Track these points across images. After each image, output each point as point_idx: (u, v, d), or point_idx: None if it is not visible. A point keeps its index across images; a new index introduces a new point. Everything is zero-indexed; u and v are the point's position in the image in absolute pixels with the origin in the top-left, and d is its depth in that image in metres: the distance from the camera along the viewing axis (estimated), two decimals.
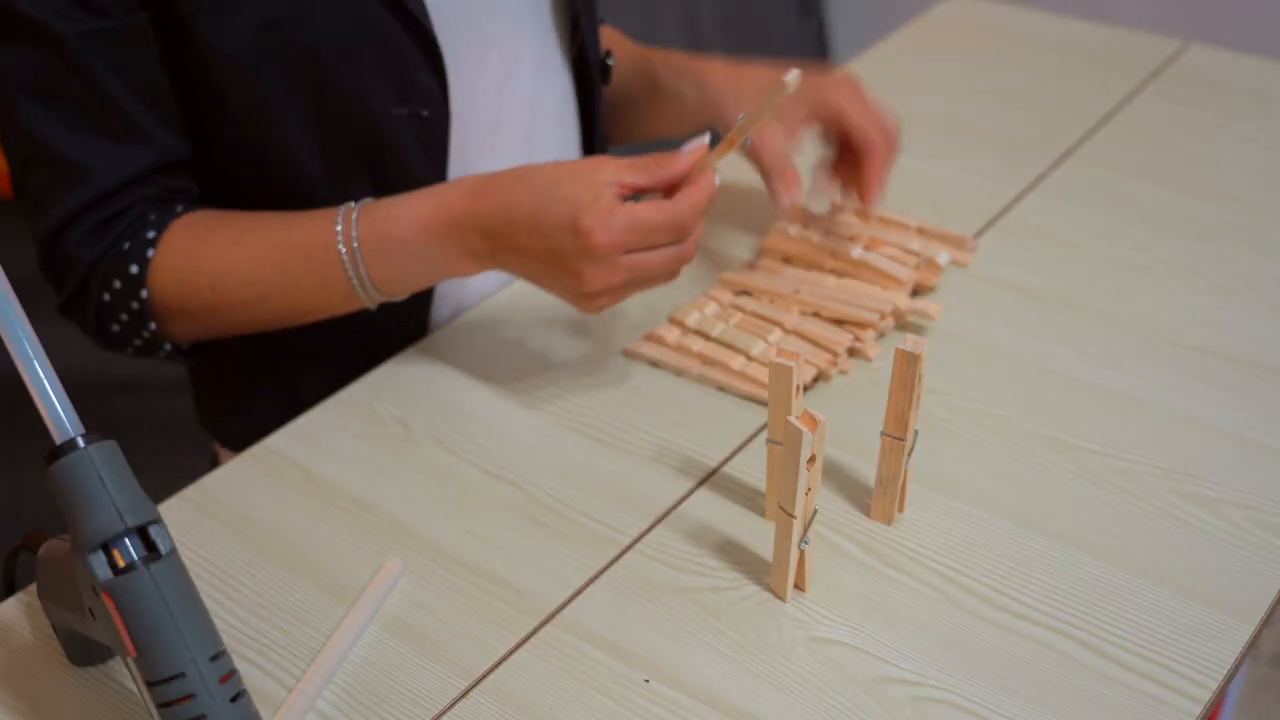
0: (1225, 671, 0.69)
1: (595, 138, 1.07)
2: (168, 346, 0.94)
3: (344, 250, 0.86)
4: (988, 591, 0.75)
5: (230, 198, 0.94)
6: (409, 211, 0.85)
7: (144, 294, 0.89)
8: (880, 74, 1.33)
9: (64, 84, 0.85)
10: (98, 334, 0.94)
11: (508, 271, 0.86)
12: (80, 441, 0.60)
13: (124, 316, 0.91)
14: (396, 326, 0.98)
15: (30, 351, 0.61)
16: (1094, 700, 0.68)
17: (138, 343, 0.93)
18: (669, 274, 0.83)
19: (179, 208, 0.91)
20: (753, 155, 0.96)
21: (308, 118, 0.90)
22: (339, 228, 0.86)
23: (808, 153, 1.05)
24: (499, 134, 0.99)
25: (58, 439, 0.61)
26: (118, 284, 0.90)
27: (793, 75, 0.77)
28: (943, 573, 0.76)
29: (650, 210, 0.79)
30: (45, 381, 0.61)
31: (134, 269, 0.89)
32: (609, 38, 1.14)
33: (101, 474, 0.60)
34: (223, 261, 0.89)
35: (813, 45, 2.63)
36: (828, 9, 2.67)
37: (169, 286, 0.89)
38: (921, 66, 1.34)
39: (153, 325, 0.91)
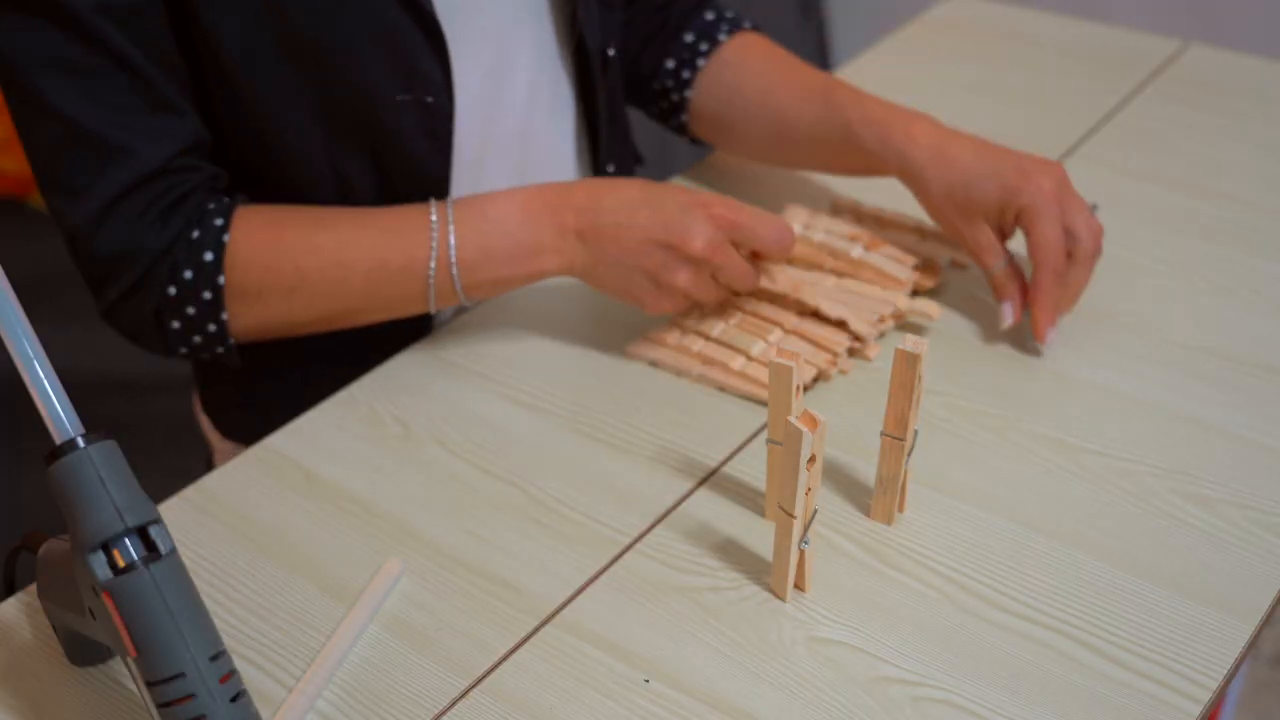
0: (1225, 671, 0.69)
1: (599, 130, 1.07)
2: (230, 342, 0.91)
3: (436, 227, 0.88)
4: (988, 591, 0.75)
5: (235, 183, 0.94)
6: (505, 197, 0.89)
7: (220, 281, 0.88)
8: (880, 74, 1.33)
9: (92, 60, 0.83)
10: (154, 332, 0.90)
11: (588, 258, 0.89)
12: (80, 441, 0.60)
13: (190, 310, 0.89)
14: (397, 326, 0.98)
15: (30, 351, 0.61)
16: (1094, 700, 0.68)
17: (196, 339, 0.90)
18: (735, 286, 0.91)
19: (225, 198, 0.90)
20: (971, 253, 0.94)
21: (310, 104, 0.90)
22: (433, 209, 0.89)
23: None
24: (498, 121, 0.99)
25: (58, 439, 0.61)
26: (189, 274, 0.87)
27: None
28: (943, 573, 0.76)
29: (756, 210, 0.88)
30: (45, 381, 0.61)
31: (208, 256, 0.87)
32: (758, 49, 1.08)
33: (101, 474, 0.60)
34: (308, 243, 0.89)
35: (813, 45, 2.63)
36: (828, 9, 2.67)
37: (251, 269, 0.88)
38: (921, 66, 1.34)
39: (224, 316, 0.89)
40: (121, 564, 0.60)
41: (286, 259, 0.88)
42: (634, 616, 0.75)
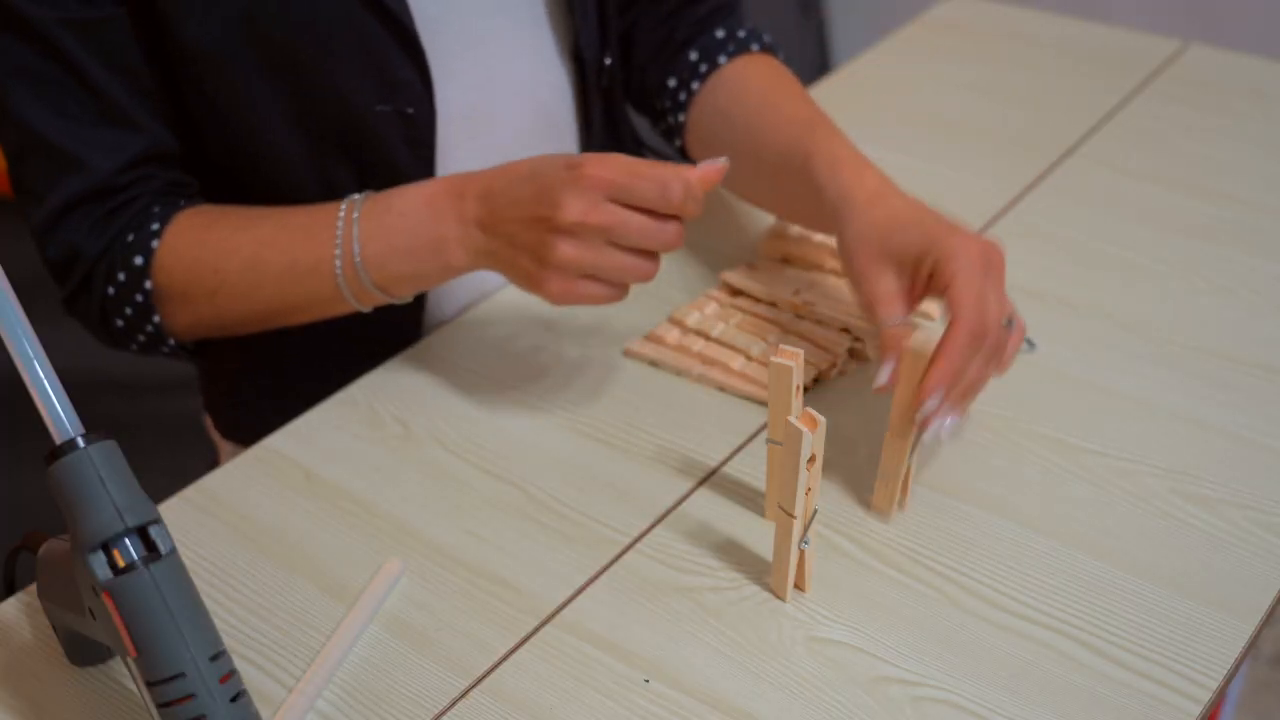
0: (1225, 671, 0.69)
1: (593, 140, 1.07)
2: (171, 342, 0.93)
3: (341, 225, 0.86)
4: (988, 591, 0.75)
5: (221, 192, 0.94)
6: (415, 188, 0.86)
7: (148, 285, 0.89)
8: (880, 74, 1.33)
9: (53, 73, 0.85)
10: (102, 329, 0.93)
11: (488, 247, 0.82)
12: (80, 441, 0.60)
13: (128, 310, 0.91)
14: (396, 326, 0.98)
15: (30, 351, 0.61)
16: (1094, 700, 0.68)
17: (141, 338, 0.93)
18: (642, 244, 0.78)
19: (181, 201, 0.92)
20: (866, 304, 0.82)
21: (290, 113, 0.90)
22: (343, 207, 0.86)
23: None
24: (488, 131, 0.99)
25: (58, 439, 0.61)
26: (122, 276, 0.89)
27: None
28: (943, 573, 0.76)
29: (646, 163, 0.78)
30: (45, 381, 0.61)
31: (138, 260, 0.89)
32: (758, 75, 1.01)
33: (101, 474, 0.60)
34: (228, 244, 0.89)
35: (813, 45, 2.63)
36: (828, 9, 2.67)
37: (175, 272, 0.89)
38: (922, 66, 1.34)
39: (156, 319, 0.91)
40: (121, 564, 0.60)
41: (207, 262, 0.89)
42: (634, 616, 0.75)
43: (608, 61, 1.05)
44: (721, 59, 1.03)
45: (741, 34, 1.04)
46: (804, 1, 2.58)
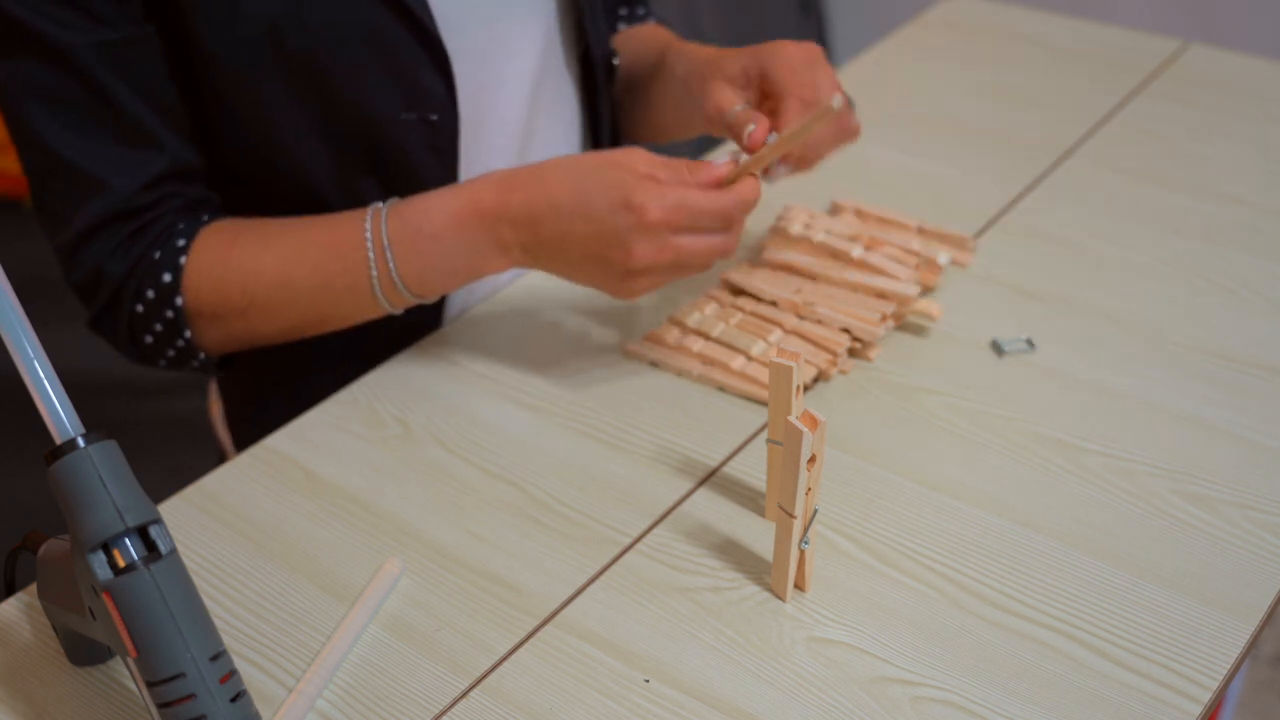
0: (1225, 671, 0.69)
1: (602, 137, 1.07)
2: (201, 356, 0.93)
3: (372, 248, 0.86)
4: (988, 591, 0.75)
5: (244, 202, 0.94)
6: (440, 206, 0.86)
7: (179, 301, 0.89)
8: (880, 74, 1.33)
9: (74, 94, 0.85)
10: (130, 346, 0.93)
11: (538, 265, 0.86)
12: (80, 441, 0.60)
13: (158, 327, 0.90)
14: (410, 328, 0.98)
15: (30, 351, 0.61)
16: (1094, 700, 0.68)
17: (170, 353, 0.92)
18: (707, 264, 0.84)
19: (205, 217, 0.91)
20: (711, 115, 0.90)
21: (314, 123, 0.90)
22: (368, 226, 0.87)
23: None
24: (504, 134, 0.99)
25: (58, 439, 0.61)
26: (151, 294, 0.89)
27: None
28: (943, 573, 0.76)
29: (701, 196, 0.81)
30: (45, 381, 0.61)
31: (167, 277, 0.89)
32: (653, 35, 1.11)
33: (101, 474, 0.60)
34: (253, 263, 0.89)
35: None
36: (828, 9, 2.67)
37: (203, 292, 0.89)
38: (921, 66, 1.34)
39: (187, 334, 0.91)
40: (121, 564, 0.60)
41: (234, 282, 0.89)
42: (634, 616, 0.75)
43: (616, 62, 1.06)
44: (621, 26, 1.15)
45: (641, 11, 1.17)
46: (804, 1, 2.58)
